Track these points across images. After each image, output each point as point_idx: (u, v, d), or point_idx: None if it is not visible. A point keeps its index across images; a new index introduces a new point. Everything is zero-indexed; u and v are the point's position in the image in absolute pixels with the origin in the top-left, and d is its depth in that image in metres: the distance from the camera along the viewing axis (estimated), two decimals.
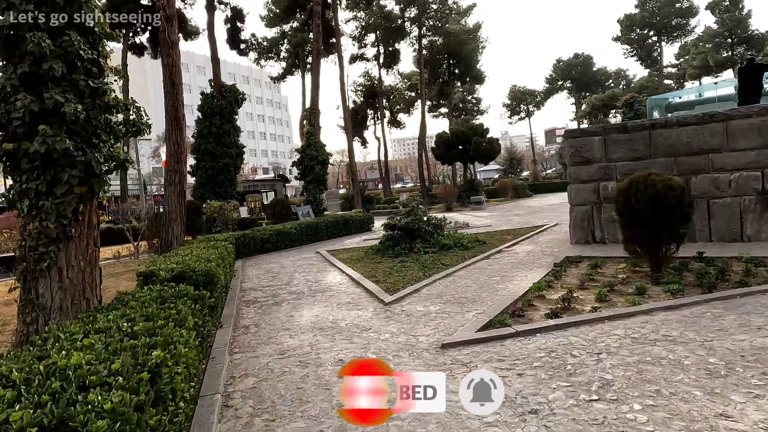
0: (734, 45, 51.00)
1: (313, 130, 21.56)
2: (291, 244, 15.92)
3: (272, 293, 8.72)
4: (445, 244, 11.71)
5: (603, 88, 62.38)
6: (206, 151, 22.70)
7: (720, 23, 51.22)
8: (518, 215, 21.72)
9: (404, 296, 7.40)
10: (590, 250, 10.01)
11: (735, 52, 50.97)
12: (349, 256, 12.56)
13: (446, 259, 10.58)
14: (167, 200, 10.52)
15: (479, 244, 12.23)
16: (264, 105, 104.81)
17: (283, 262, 12.74)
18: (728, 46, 51.20)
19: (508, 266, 9.25)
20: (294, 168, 24.58)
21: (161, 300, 4.55)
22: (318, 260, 12.69)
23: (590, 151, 10.67)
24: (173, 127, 10.47)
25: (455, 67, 46.12)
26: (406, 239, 11.97)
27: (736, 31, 50.34)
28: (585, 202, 10.83)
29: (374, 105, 50.41)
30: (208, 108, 22.93)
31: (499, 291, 7.27)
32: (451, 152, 35.01)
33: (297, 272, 10.90)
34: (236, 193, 24.11)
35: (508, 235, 14.18)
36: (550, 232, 14.32)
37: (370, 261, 11.36)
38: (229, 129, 23.09)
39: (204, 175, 22.86)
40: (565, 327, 5.29)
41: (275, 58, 43.99)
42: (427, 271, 9.34)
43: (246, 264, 13.10)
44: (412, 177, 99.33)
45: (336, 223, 18.00)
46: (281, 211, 19.76)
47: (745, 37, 50.11)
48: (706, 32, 52.15)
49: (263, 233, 15.12)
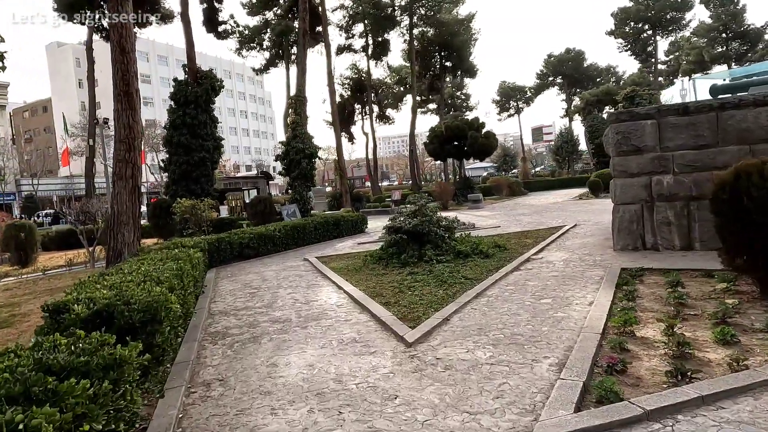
0: (729, 40, 50.00)
1: (299, 119, 19.34)
2: (274, 248, 13.77)
3: (249, 321, 6.61)
4: (461, 251, 9.71)
5: (594, 84, 61.07)
6: (179, 144, 20.37)
7: (715, 17, 50.18)
8: (524, 214, 19.88)
9: (431, 330, 5.35)
10: (645, 260, 8.10)
11: (730, 47, 49.98)
12: (344, 265, 10.49)
13: (467, 270, 8.58)
14: (116, 198, 8.26)
15: (499, 250, 10.27)
16: (246, 100, 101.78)
17: (265, 273, 10.60)
18: (723, 41, 50.18)
19: (552, 282, 7.27)
20: (278, 163, 22.38)
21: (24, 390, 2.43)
22: (307, 270, 10.59)
23: (641, 138, 8.75)
24: (123, 105, 8.20)
25: (447, 59, 44.24)
26: (413, 245, 9.94)
27: (731, 25, 49.34)
28: (633, 199, 8.92)
29: (362, 99, 48.31)
30: (182, 96, 20.59)
31: (562, 322, 5.28)
32: (446, 147, 33.08)
33: (282, 287, 8.79)
34: (214, 191, 21.82)
35: (526, 239, 12.26)
36: (574, 234, 12.43)
37: (372, 272, 9.30)
38: (205, 119, 20.78)
39: (177, 171, 20.52)
40: (714, 400, 3.31)
41: (258, 48, 41.63)
42: (448, 288, 7.33)
43: (220, 275, 10.93)
44: (399, 175, 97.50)
45: (326, 224, 15.90)
46: (263, 210, 17.58)
47: (741, 32, 49.12)
48: (701, 27, 51.07)
49: (242, 237, 12.96)
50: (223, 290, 9.02)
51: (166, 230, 18.91)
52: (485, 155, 33.29)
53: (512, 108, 75.24)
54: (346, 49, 43.62)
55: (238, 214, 28.36)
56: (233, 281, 9.93)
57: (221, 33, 29.96)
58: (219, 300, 8.17)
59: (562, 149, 48.53)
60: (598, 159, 44.78)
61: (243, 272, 11.01)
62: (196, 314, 7.00)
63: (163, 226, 18.90)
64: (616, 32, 53.61)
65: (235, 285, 9.45)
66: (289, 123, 19.56)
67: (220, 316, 7.05)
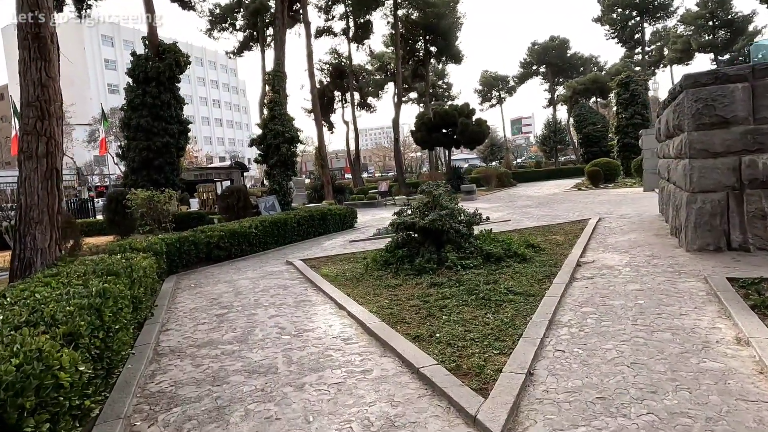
0: (716, 28, 49.14)
1: (278, 98, 16.87)
2: (251, 249, 11.46)
3: (213, 370, 4.36)
4: (492, 254, 7.60)
5: (579, 74, 59.80)
6: (139, 128, 17.71)
7: (702, 5, 49.22)
8: (529, 206, 17.97)
9: (518, 402, 3.20)
10: (740, 264, 6.14)
11: (716, 35, 49.14)
12: (339, 272, 8.29)
13: (507, 279, 6.49)
14: (23, 186, 5.79)
15: (534, 251, 8.21)
16: (219, 89, 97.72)
17: (239, 282, 8.31)
18: (710, 29, 49.30)
19: (644, 301, 5.21)
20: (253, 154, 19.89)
21: None
22: (293, 277, 8.34)
23: (729, 107, 6.77)
24: (33, 53, 5.66)
25: (432, 43, 42.02)
26: (429, 245, 7.79)
27: (717, 13, 48.45)
28: (716, 187, 6.94)
29: (342, 85, 45.80)
30: (141, 72, 17.89)
31: (727, 381, 3.22)
32: (434, 135, 31.03)
33: (261, 305, 6.54)
34: (181, 181, 19.25)
35: (553, 235, 10.29)
36: (609, 230, 10.49)
37: (380, 282, 7.12)
38: (169, 99, 18.15)
39: (137, 158, 17.87)
40: None
41: (230, 28, 38.67)
42: (497, 310, 5.22)
43: (181, 285, 8.59)
44: (378, 166, 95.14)
45: (310, 219, 13.62)
46: (237, 203, 15.18)
47: (727, 20, 48.28)
48: (688, 14, 50.09)
49: (210, 235, 10.61)
50: (181, 310, 6.71)
51: (125, 226, 16.30)
52: (476, 143, 31.35)
53: (494, 98, 73.61)
54: (325, 32, 40.97)
55: (210, 208, 25.77)
56: (197, 295, 7.61)
57: (187, 2, 27.03)
58: (173, 327, 5.86)
59: (549, 139, 47.02)
60: (586, 149, 43.50)
61: (211, 281, 8.69)
62: (133, 356, 4.71)
63: (121, 221, 16.27)
64: (603, 18, 52.23)
65: (199, 301, 7.14)
66: (266, 102, 17.08)
67: (169, 358, 4.77)
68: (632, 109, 31.82)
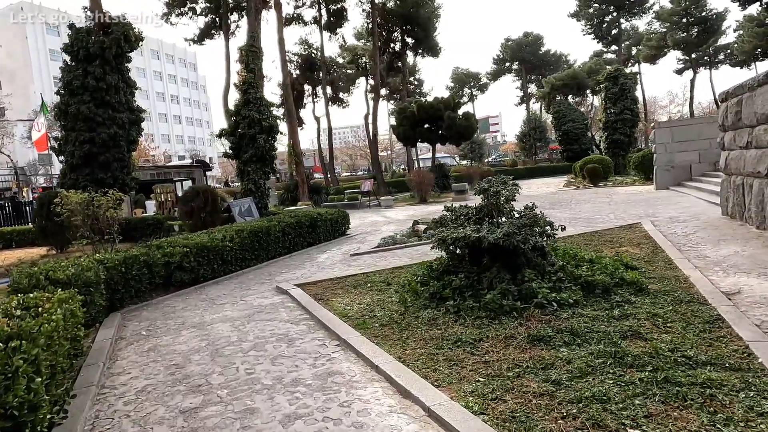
0: (689, 25, 48.87)
1: (253, 78, 13.90)
2: (225, 268, 8.72)
3: None
4: (593, 281, 5.21)
5: (552, 71, 58.85)
6: (79, 115, 14.49)
7: (675, 2, 48.86)
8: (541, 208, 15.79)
9: None
10: None
11: (690, 33, 48.89)
12: (362, 308, 5.71)
13: (648, 328, 4.14)
14: None
15: (639, 274, 5.85)
16: (178, 84, 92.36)
17: (216, 330, 5.58)
18: (684, 26, 49.00)
19: None
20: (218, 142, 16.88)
21: None
22: (295, 319, 5.69)
23: None
24: None
25: (409, 34, 39.69)
26: (500, 269, 5.32)
27: (691, 9, 48.18)
28: None
29: (313, 79, 42.86)
30: (81, 48, 14.67)
31: None
32: (418, 131, 28.64)
33: (261, 388, 3.88)
34: (133, 181, 16.11)
35: (619, 246, 8.08)
36: (685, 239, 8.33)
37: (438, 332, 4.60)
38: (116, 82, 14.99)
39: (77, 153, 14.64)
40: None
41: (190, 13, 35.11)
42: (697, 408, 2.80)
43: (126, 332, 5.80)
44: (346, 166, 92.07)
45: (298, 226, 10.93)
46: (203, 207, 12.28)
47: (702, 17, 48.07)
48: (663, 11, 49.64)
49: (170, 252, 7.81)
50: (121, 396, 3.98)
51: (60, 236, 13.13)
52: (464, 139, 29.20)
53: (466, 95, 72.05)
54: (295, 19, 37.92)
55: (169, 211, 22.53)
56: (149, 355, 4.88)
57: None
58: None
59: (529, 136, 45.57)
60: (566, 146, 42.18)
61: (172, 324, 5.94)
62: None
63: (55, 230, 13.07)
64: (579, 13, 51.23)
65: (152, 371, 4.43)
66: (240, 84, 14.13)
67: None
68: (622, 104, 30.40)
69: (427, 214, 16.69)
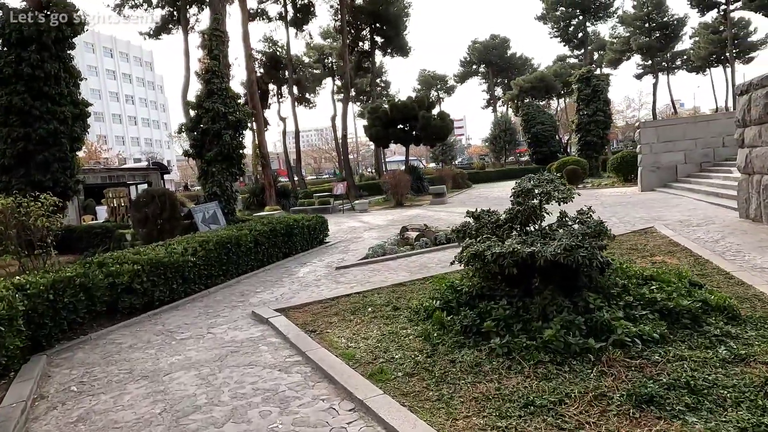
0: (652, 30, 49.75)
1: (217, 66, 12.22)
2: (187, 288, 7.17)
3: None
4: (672, 308, 4.05)
5: (518, 73, 58.97)
6: (11, 108, 12.49)
7: (638, 7, 49.67)
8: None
9: None
10: None
11: (653, 37, 49.78)
12: (369, 346, 4.35)
13: None
14: None
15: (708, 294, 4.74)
16: (133, 84, 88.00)
17: (173, 384, 4.08)
18: (646, 30, 49.84)
19: None
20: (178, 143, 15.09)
21: None
22: (283, 362, 4.25)
23: None
24: None
25: (378, 33, 38.52)
26: (558, 293, 4.09)
27: (653, 15, 49.06)
28: None
29: (278, 77, 41.02)
30: (14, 31, 12.68)
31: None
32: (391, 131, 27.43)
33: None
34: (77, 184, 14.15)
35: (651, 256, 7.05)
36: (717, 245, 7.40)
37: (486, 385, 3.30)
38: (57, 71, 13.03)
39: (9, 152, 12.63)
40: None
41: (145, 5, 32.78)
42: None
43: (49, 389, 4.23)
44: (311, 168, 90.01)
45: (273, 235, 9.43)
46: (160, 213, 10.61)
47: (663, 22, 48.99)
48: (627, 16, 50.37)
49: (117, 271, 6.23)
50: None
51: None
52: (439, 140, 28.21)
53: (432, 98, 71.44)
54: (259, 15, 36.05)
55: (122, 217, 20.44)
56: (77, 426, 3.37)
57: None
58: None
59: (500, 138, 45.18)
60: (535, 149, 41.94)
61: (113, 373, 4.40)
62: None
63: None
64: (546, 17, 51.39)
65: None
66: (202, 73, 12.38)
67: None
68: (594, 105, 30.19)
69: (407, 218, 15.48)
